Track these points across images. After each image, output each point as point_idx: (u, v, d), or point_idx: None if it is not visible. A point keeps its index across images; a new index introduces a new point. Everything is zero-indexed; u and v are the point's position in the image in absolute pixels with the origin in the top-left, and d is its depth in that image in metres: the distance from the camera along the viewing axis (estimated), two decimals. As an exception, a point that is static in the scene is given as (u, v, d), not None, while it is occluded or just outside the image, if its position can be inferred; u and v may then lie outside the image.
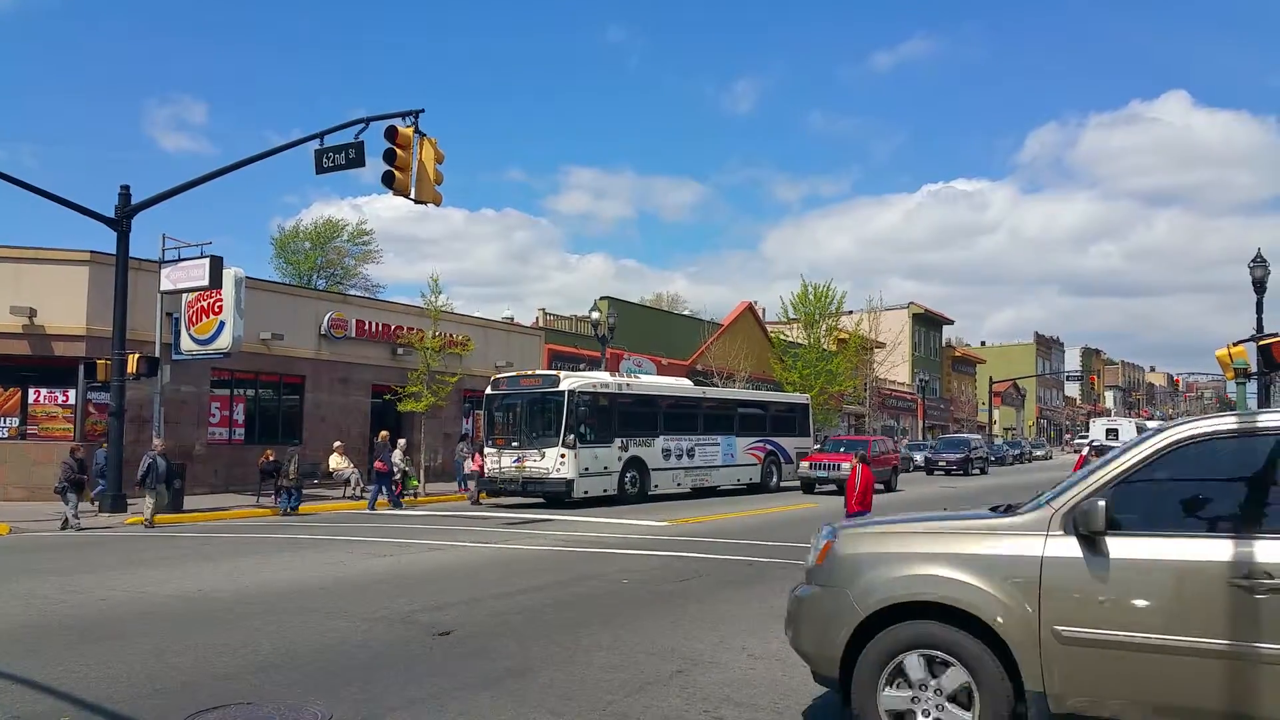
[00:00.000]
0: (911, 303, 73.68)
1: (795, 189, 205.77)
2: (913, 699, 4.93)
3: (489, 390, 25.11)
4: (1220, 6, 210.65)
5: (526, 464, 23.13)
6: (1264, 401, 20.37)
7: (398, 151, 16.59)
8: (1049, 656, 4.66)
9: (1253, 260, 18.59)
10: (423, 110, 16.91)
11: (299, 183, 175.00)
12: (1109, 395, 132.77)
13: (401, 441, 24.13)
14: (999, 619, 4.74)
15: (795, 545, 15.19)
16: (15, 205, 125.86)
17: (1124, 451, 5.08)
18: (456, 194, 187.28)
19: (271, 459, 22.86)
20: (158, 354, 20.65)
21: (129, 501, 20.08)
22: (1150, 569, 4.59)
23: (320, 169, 18.23)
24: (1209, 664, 4.38)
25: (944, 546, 5.15)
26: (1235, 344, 14.94)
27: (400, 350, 30.11)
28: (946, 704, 4.85)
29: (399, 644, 8.04)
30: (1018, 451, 62.01)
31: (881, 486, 27.41)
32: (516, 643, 8.09)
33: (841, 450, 28.75)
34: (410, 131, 16.75)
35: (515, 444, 23.70)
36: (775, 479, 29.67)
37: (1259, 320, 18.43)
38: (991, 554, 4.93)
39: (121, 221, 20.35)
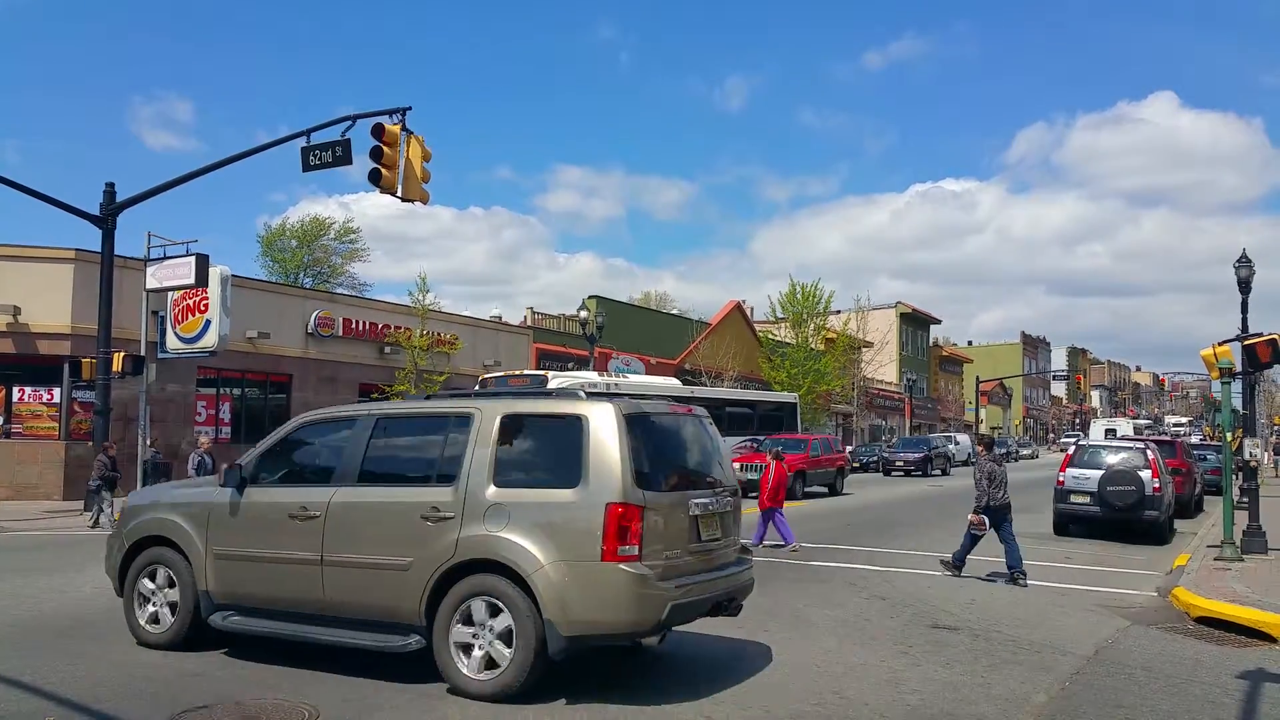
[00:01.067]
0: (899, 302, 73.88)
1: (784, 188, 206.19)
2: (151, 600, 7.64)
3: (477, 390, 25.02)
4: (1208, 8, 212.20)
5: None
6: (1249, 401, 20.51)
7: (384, 149, 16.51)
8: (210, 567, 7.29)
9: (1238, 260, 18.69)
10: (409, 108, 16.83)
11: (286, 180, 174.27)
12: (1095, 395, 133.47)
13: None
14: (184, 544, 7.45)
15: (780, 543, 15.22)
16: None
17: (273, 431, 7.95)
18: (444, 192, 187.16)
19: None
20: (143, 352, 20.52)
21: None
22: (259, 508, 7.29)
23: (307, 167, 18.11)
24: (286, 567, 7.02)
25: (180, 499, 7.94)
26: (1220, 344, 15.00)
27: (388, 349, 30.00)
28: (167, 591, 7.54)
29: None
30: (1004, 450, 62.15)
31: (825, 490, 26.47)
32: (505, 642, 8.07)
33: (779, 449, 26.68)
34: (397, 129, 16.66)
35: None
36: (763, 478, 29.72)
37: (1244, 320, 18.55)
38: (195, 501, 7.69)
39: (107, 219, 20.20)
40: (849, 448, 47.46)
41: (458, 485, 6.49)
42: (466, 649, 6.27)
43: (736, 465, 24.71)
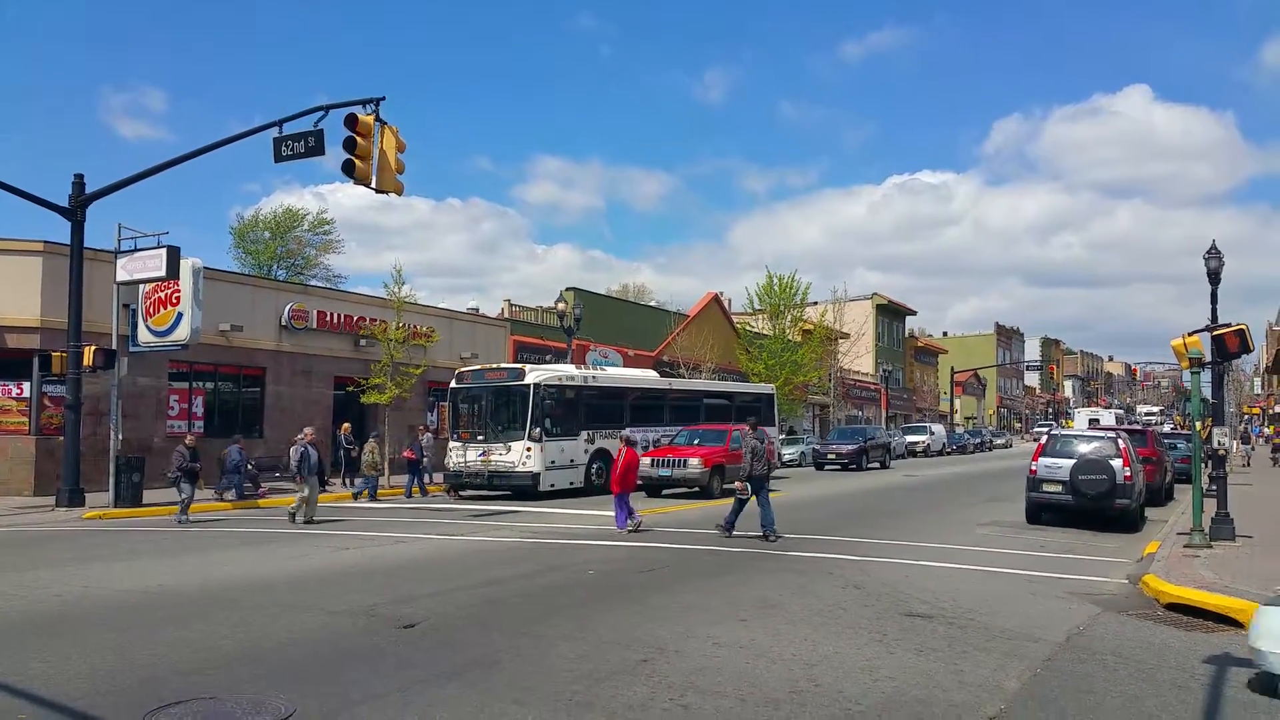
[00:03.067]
0: (875, 294, 74.28)
1: (764, 180, 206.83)
2: None
3: (454, 383, 24.95)
4: (1182, 1, 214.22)
5: (492, 457, 23.02)
6: (1217, 391, 20.78)
7: (358, 140, 16.36)
8: None
9: (1207, 252, 18.90)
10: (384, 98, 16.68)
11: (260, 171, 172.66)
12: (1068, 385, 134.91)
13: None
14: None
15: (760, 534, 15.30)
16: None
17: None
18: (422, 183, 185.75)
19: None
20: (114, 346, 20.24)
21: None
22: None
23: (279, 158, 17.93)
24: None
25: None
26: (1190, 334, 15.17)
27: (363, 341, 29.79)
28: None
29: (363, 637, 7.99)
30: (979, 440, 62.77)
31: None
32: (482, 634, 8.08)
33: (696, 443, 24.28)
34: (371, 119, 16.52)
35: (481, 437, 23.59)
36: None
37: (1213, 310, 18.74)
38: None
39: (76, 211, 19.92)
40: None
41: None
42: None
43: (647, 460, 23.21)
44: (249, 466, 22.28)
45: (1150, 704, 6.34)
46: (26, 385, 22.79)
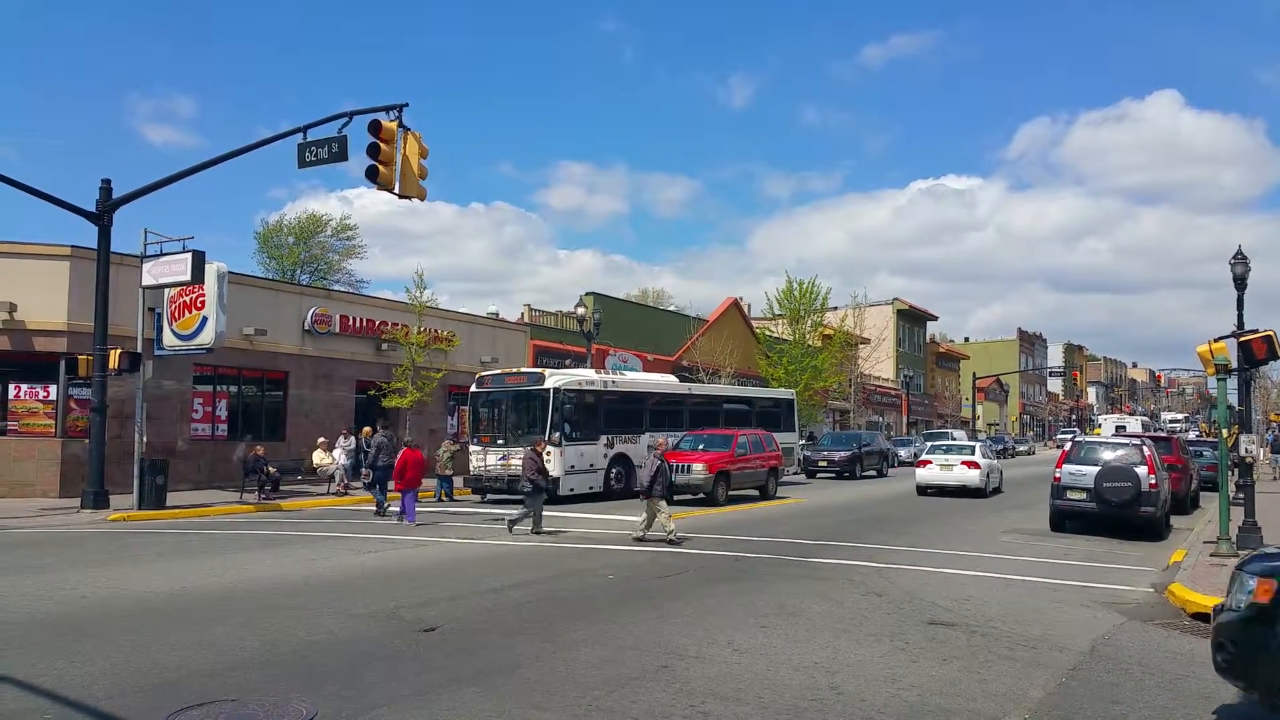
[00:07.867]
0: (896, 299, 74.01)
1: (786, 184, 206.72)
2: None
3: (474, 388, 25.03)
4: (1212, 7, 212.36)
5: (512, 462, 23.04)
6: (1244, 398, 20.55)
7: (381, 146, 16.47)
8: None
9: (1233, 257, 18.73)
10: (407, 104, 16.82)
11: (287, 176, 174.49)
12: (1091, 391, 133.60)
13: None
14: None
15: (779, 541, 15.25)
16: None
17: None
18: (446, 188, 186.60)
19: (260, 454, 22.73)
20: (140, 349, 20.44)
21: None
22: None
23: (303, 163, 18.08)
24: None
25: None
26: (1216, 340, 15.00)
27: (385, 346, 29.95)
28: None
29: (384, 640, 8.01)
30: (1001, 446, 62.20)
31: (755, 493, 24.51)
32: (502, 638, 8.09)
33: (701, 448, 23.53)
34: (394, 126, 16.64)
35: (501, 442, 23.64)
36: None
37: (1240, 316, 18.59)
38: None
39: (103, 216, 20.14)
40: None
41: None
42: None
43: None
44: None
45: (1177, 715, 6.26)
46: (53, 388, 23.06)
